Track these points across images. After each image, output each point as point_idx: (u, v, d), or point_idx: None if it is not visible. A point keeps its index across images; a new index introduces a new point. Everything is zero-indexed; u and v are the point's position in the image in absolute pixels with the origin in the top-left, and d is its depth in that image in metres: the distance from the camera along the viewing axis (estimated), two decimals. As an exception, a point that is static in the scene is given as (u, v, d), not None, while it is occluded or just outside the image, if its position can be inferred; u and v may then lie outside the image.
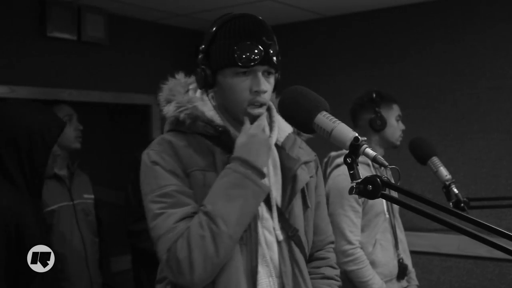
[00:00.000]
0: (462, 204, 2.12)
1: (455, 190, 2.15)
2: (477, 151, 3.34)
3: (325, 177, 2.55)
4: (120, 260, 3.66)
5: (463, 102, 3.41)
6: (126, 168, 3.00)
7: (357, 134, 1.16)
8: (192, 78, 1.57)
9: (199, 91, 1.55)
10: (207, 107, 1.50)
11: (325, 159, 2.59)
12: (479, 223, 1.01)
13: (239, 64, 1.40)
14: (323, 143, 1.96)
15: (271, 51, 1.45)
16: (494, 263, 3.25)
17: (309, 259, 1.63)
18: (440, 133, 3.45)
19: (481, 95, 3.35)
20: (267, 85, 1.45)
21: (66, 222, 2.70)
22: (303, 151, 1.61)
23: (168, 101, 1.50)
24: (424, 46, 3.54)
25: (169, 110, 1.48)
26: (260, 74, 1.44)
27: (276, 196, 1.51)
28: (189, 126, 1.46)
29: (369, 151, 1.14)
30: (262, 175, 1.40)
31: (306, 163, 1.59)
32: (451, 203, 2.15)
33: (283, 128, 1.57)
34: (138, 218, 2.79)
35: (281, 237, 1.49)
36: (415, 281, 2.58)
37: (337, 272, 1.70)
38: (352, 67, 3.84)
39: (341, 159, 2.44)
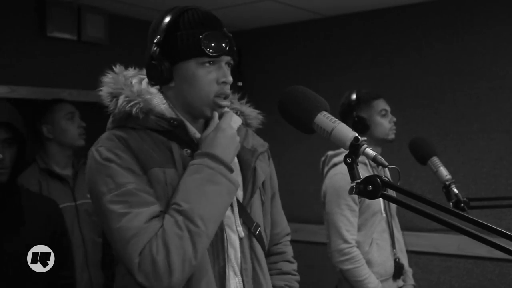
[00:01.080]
0: (462, 204, 2.12)
1: (455, 190, 2.15)
2: (477, 151, 3.34)
3: (323, 176, 2.56)
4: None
5: (463, 102, 3.41)
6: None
7: (357, 134, 1.15)
8: (132, 71, 1.50)
9: (144, 83, 1.46)
10: (158, 100, 1.40)
11: (323, 158, 2.59)
12: (479, 223, 1.01)
13: (208, 53, 1.34)
14: (323, 143, 1.96)
15: (233, 43, 1.40)
16: (494, 263, 3.25)
17: (267, 254, 1.57)
18: (440, 133, 3.45)
19: (481, 95, 3.35)
20: (231, 76, 1.41)
21: (67, 223, 2.69)
22: (256, 142, 1.56)
23: (114, 96, 1.39)
24: (424, 46, 3.54)
25: (118, 104, 1.36)
26: (224, 64, 1.39)
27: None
28: (141, 121, 1.37)
29: (369, 151, 1.13)
30: (232, 170, 1.34)
31: (261, 153, 1.54)
32: (451, 203, 2.15)
33: (234, 120, 1.49)
34: None
35: (242, 234, 1.43)
36: (411, 281, 2.58)
37: (294, 266, 1.67)
38: (352, 67, 3.84)
39: (338, 158, 2.45)
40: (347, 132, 1.16)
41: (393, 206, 2.56)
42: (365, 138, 1.17)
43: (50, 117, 2.78)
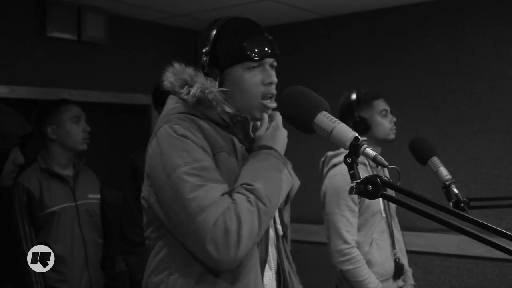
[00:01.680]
0: (462, 204, 2.12)
1: (455, 190, 2.15)
2: (477, 151, 3.35)
3: (322, 177, 2.55)
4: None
5: (463, 102, 3.41)
6: (125, 168, 3.00)
7: (357, 134, 1.16)
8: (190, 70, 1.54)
9: None
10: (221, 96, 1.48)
11: (322, 158, 2.59)
12: (479, 223, 1.01)
13: (253, 57, 1.43)
14: (323, 143, 1.96)
15: (275, 45, 1.50)
16: (494, 263, 3.25)
17: None
18: (440, 133, 3.45)
19: (481, 95, 3.35)
20: (275, 77, 1.50)
21: (67, 224, 2.68)
22: None
23: (186, 83, 1.45)
24: (424, 46, 3.54)
25: (194, 90, 1.42)
26: (268, 66, 1.48)
27: None
28: (207, 111, 1.44)
29: (369, 151, 1.14)
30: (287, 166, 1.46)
31: None
32: (451, 203, 2.15)
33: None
34: (132, 247, 2.84)
35: (281, 232, 1.53)
36: (411, 281, 2.58)
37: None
38: (352, 67, 3.84)
39: (338, 159, 2.45)
40: (347, 132, 1.16)
41: (393, 206, 2.56)
42: (365, 138, 1.17)
43: (55, 118, 2.76)
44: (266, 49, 1.46)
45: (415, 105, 3.54)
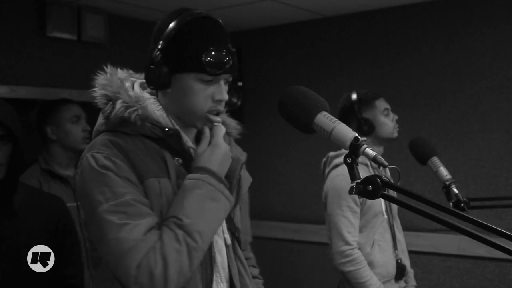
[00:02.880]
0: (462, 204, 2.11)
1: (455, 190, 2.14)
2: (477, 151, 3.35)
3: (324, 177, 2.55)
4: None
5: (463, 102, 3.41)
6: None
7: (357, 134, 1.15)
8: (124, 73, 1.50)
9: (136, 86, 1.45)
10: (153, 106, 1.40)
11: (324, 159, 2.59)
12: (479, 223, 1.01)
13: (209, 71, 1.33)
14: (323, 143, 1.96)
15: (235, 59, 1.38)
16: (494, 263, 3.25)
17: None
18: (440, 133, 3.45)
19: (481, 95, 3.35)
20: (227, 94, 1.40)
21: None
22: (237, 151, 1.56)
23: (109, 99, 1.38)
24: (424, 46, 3.54)
25: (116, 109, 1.35)
26: (222, 82, 1.38)
27: None
28: (136, 128, 1.35)
29: (369, 151, 1.13)
30: (227, 187, 1.37)
31: (243, 162, 1.56)
32: (451, 203, 2.15)
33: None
34: None
35: (229, 241, 1.45)
36: (413, 282, 2.58)
37: (258, 271, 1.71)
38: (352, 67, 3.84)
39: (339, 159, 2.44)
40: (347, 132, 1.16)
41: (395, 207, 2.56)
42: (365, 138, 1.17)
43: (55, 118, 2.76)
44: (226, 64, 1.34)
45: (415, 105, 3.54)
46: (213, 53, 1.33)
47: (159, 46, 1.37)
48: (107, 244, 1.25)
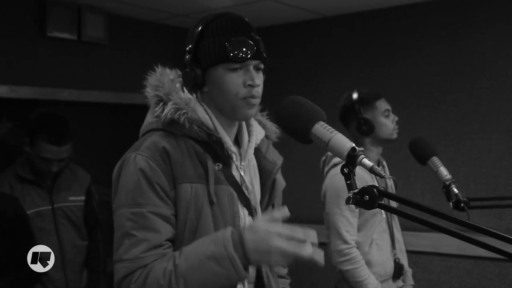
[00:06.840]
0: (462, 204, 2.11)
1: (455, 190, 2.14)
2: (477, 151, 3.35)
3: (323, 176, 2.55)
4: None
5: (463, 102, 3.41)
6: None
7: (354, 145, 1.16)
8: (174, 73, 1.54)
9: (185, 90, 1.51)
10: (201, 110, 1.46)
11: (323, 158, 2.58)
12: (477, 228, 1.02)
13: (232, 59, 1.38)
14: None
15: (261, 46, 1.44)
16: (494, 263, 3.25)
17: None
18: (440, 133, 3.45)
19: (481, 95, 3.35)
20: (260, 78, 1.44)
21: (42, 227, 2.66)
22: (275, 155, 1.61)
23: (161, 100, 1.45)
24: (424, 46, 3.54)
25: (166, 111, 1.41)
26: (251, 68, 1.42)
27: (257, 200, 1.51)
28: (185, 130, 1.41)
29: (366, 161, 1.14)
30: (247, 269, 1.26)
31: (280, 167, 1.60)
32: (451, 203, 2.15)
33: (258, 131, 1.57)
34: None
35: None
36: (411, 281, 2.58)
37: (286, 270, 1.73)
38: (352, 67, 3.84)
39: (338, 159, 2.44)
40: (344, 142, 1.17)
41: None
42: (362, 149, 1.18)
43: (33, 138, 2.65)
44: (249, 50, 1.39)
45: (415, 105, 3.54)
46: (235, 41, 1.39)
47: (188, 49, 1.45)
48: (116, 237, 1.36)
